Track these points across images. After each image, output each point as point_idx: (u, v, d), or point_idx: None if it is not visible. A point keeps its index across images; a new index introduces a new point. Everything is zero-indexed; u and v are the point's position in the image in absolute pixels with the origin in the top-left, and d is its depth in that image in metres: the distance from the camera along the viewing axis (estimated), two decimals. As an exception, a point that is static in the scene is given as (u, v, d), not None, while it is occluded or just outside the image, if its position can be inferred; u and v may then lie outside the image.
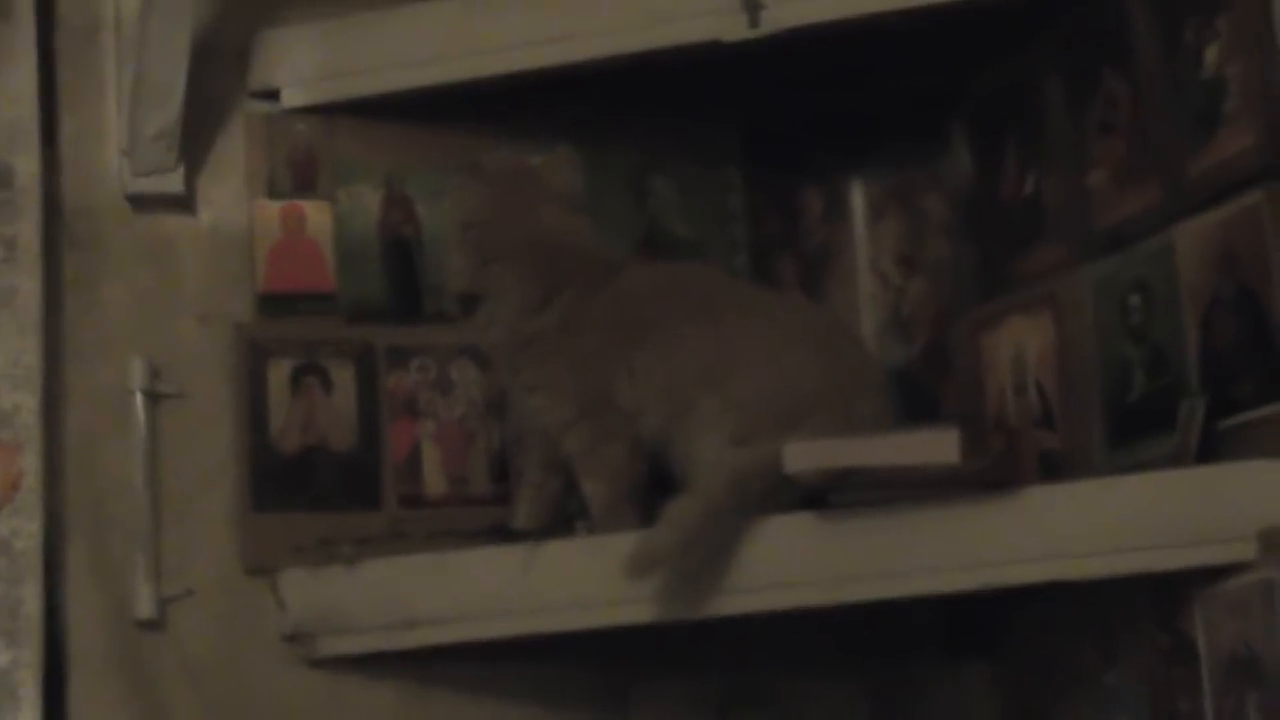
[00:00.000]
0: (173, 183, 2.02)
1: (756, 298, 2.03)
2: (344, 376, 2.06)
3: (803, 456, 1.78)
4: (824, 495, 1.80)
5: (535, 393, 1.96)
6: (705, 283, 2.01)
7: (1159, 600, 1.80)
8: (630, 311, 1.95)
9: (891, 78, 2.14)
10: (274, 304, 2.06)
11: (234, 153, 2.07)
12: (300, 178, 2.09)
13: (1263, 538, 1.67)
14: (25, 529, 1.91)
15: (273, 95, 2.09)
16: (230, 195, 2.07)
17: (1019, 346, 2.04)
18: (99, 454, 1.97)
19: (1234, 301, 1.76)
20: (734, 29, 1.98)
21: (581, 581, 1.89)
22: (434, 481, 2.07)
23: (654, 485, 1.93)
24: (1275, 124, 1.69)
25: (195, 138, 2.04)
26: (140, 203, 2.03)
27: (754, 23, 1.97)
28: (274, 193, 2.08)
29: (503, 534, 1.99)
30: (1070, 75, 1.99)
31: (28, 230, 1.96)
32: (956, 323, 2.17)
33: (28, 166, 1.97)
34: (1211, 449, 1.76)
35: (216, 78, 2.06)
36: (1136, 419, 1.88)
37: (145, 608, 1.95)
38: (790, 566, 1.82)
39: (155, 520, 1.97)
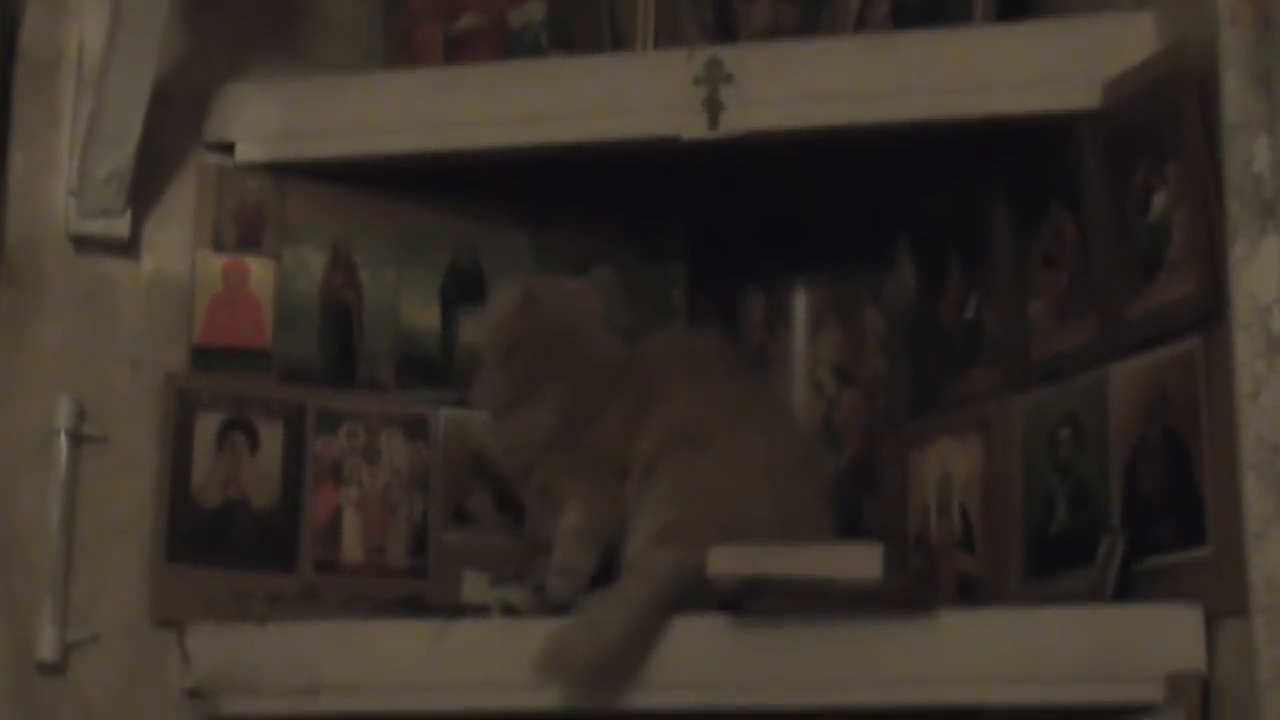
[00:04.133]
0: (118, 227, 2.02)
1: (750, 389, 2.02)
2: (272, 435, 2.05)
3: (726, 561, 1.79)
4: (741, 600, 1.81)
5: (555, 482, 1.97)
6: (707, 353, 2.02)
7: (1063, 734, 1.82)
8: (642, 384, 1.96)
9: (840, 191, 2.16)
10: (208, 357, 2.05)
11: (183, 202, 2.07)
12: (247, 233, 2.09)
13: (1171, 682, 1.69)
14: (-65, 561, 1.90)
15: (227, 148, 2.09)
16: (175, 244, 2.06)
17: (946, 467, 2.06)
18: (17, 491, 1.96)
19: (1161, 445, 1.78)
20: (693, 128, 1.99)
21: (491, 663, 1.88)
22: (351, 549, 2.07)
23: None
24: (1215, 275, 1.71)
25: (145, 183, 2.04)
26: (84, 244, 2.02)
27: (713, 123, 1.99)
28: (219, 246, 2.08)
29: (416, 607, 1.99)
30: (1018, 206, 2.01)
31: (-34, 261, 1.96)
32: (886, 438, 2.18)
33: (-28, 198, 1.98)
34: (1127, 588, 1.78)
35: (172, 125, 2.06)
36: (1056, 550, 1.90)
37: (48, 650, 1.93)
38: (702, 668, 1.82)
39: (66, 562, 1.95)
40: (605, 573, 1.92)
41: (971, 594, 1.98)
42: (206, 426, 2.03)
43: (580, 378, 1.97)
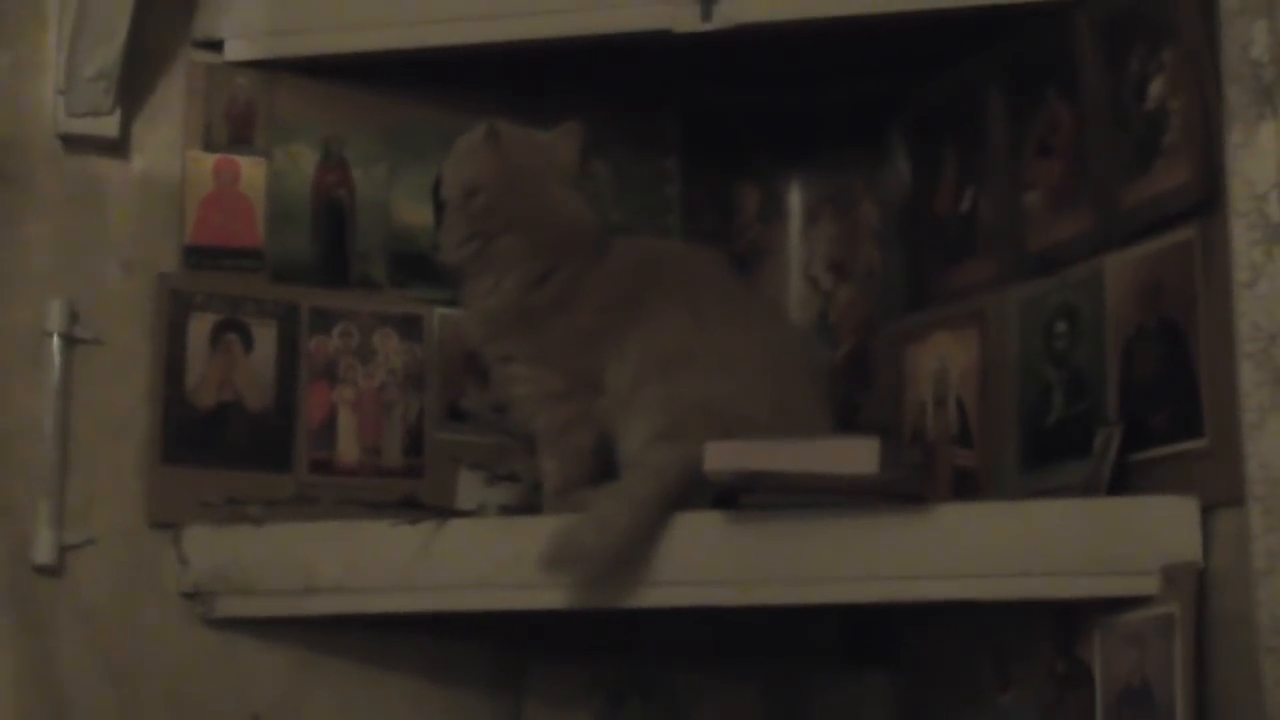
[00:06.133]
0: (107, 126, 2.00)
1: (741, 296, 2.00)
2: (265, 335, 2.04)
3: (722, 456, 1.78)
4: (736, 496, 1.80)
5: (519, 363, 1.94)
6: (693, 265, 1.99)
7: (1058, 626, 1.81)
8: (626, 291, 1.93)
9: (835, 83, 2.14)
10: (200, 256, 2.04)
11: (172, 101, 2.06)
12: (237, 131, 2.07)
13: (1167, 573, 1.68)
14: (-71, 464, 1.89)
15: (216, 46, 2.08)
16: (165, 143, 2.05)
17: (943, 361, 2.05)
18: (10, 394, 1.95)
19: (1157, 335, 1.77)
20: (686, 20, 1.98)
21: (485, 562, 1.88)
22: (347, 449, 2.06)
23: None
24: (1212, 161, 1.69)
25: (134, 82, 2.02)
26: (72, 143, 2.01)
27: (706, 16, 1.97)
28: (209, 145, 2.06)
29: (412, 507, 1.98)
30: (1013, 94, 1.99)
31: (-45, 161, 1.95)
32: (882, 332, 2.17)
33: (-41, 97, 1.96)
34: (1123, 480, 1.77)
35: (160, 23, 2.04)
36: (1052, 442, 1.89)
37: (45, 553, 1.93)
38: (697, 565, 1.82)
39: (62, 465, 1.95)
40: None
41: (968, 488, 1.98)
42: (200, 327, 2.02)
43: (541, 232, 1.94)
